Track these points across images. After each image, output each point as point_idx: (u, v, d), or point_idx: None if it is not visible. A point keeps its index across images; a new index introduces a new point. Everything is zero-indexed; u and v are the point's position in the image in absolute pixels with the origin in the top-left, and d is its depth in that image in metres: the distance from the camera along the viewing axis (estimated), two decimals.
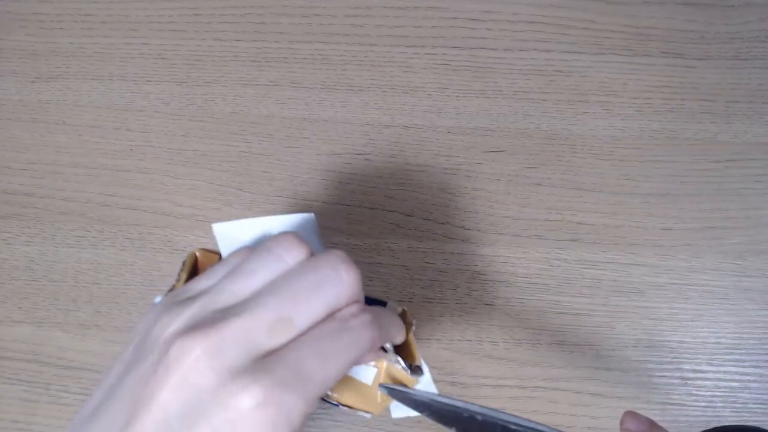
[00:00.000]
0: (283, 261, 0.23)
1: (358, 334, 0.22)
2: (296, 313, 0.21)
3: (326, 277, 0.22)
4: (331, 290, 0.22)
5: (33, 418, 0.43)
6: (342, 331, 0.22)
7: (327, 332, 0.22)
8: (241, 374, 0.20)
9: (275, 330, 0.21)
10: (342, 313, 0.23)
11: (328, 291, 0.22)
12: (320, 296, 0.22)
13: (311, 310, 0.22)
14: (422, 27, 0.47)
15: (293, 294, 0.22)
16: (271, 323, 0.21)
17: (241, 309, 0.21)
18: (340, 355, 0.22)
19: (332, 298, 0.22)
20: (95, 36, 0.48)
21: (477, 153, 0.46)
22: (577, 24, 0.47)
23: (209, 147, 0.46)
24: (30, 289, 0.45)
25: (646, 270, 0.44)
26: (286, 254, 0.23)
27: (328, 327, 0.22)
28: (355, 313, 0.23)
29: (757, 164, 0.45)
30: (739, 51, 0.46)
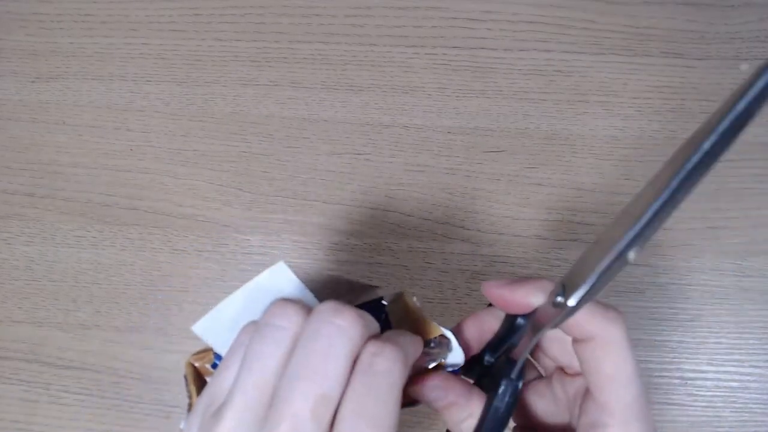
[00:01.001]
0: (285, 330, 0.23)
1: (392, 375, 0.22)
2: (325, 384, 0.21)
3: (328, 332, 0.22)
4: (340, 344, 0.22)
5: (33, 418, 0.43)
6: (374, 380, 0.22)
7: (362, 390, 0.21)
8: None
9: (317, 413, 0.21)
10: (363, 360, 0.22)
11: (338, 346, 0.22)
12: (334, 355, 0.22)
13: (336, 373, 0.21)
14: (422, 27, 0.47)
15: (311, 368, 0.21)
16: (310, 409, 0.21)
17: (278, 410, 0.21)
18: (387, 407, 0.21)
19: (345, 349, 0.22)
20: (95, 36, 0.48)
21: (477, 153, 0.46)
22: (577, 24, 0.47)
23: (209, 147, 0.46)
24: (30, 289, 0.45)
25: (646, 270, 0.44)
26: (285, 322, 0.23)
27: (360, 383, 0.22)
28: (376, 353, 0.22)
29: (757, 164, 0.45)
30: (739, 51, 0.46)
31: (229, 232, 0.45)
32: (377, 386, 0.21)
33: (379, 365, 0.22)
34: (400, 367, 0.22)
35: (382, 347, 0.22)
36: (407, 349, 0.24)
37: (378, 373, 0.22)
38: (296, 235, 0.45)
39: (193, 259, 0.45)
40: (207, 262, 0.45)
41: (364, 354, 0.22)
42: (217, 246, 0.45)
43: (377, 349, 0.22)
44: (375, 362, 0.22)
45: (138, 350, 0.44)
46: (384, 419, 0.21)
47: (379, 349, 0.22)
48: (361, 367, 0.22)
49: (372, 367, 0.22)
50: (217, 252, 0.45)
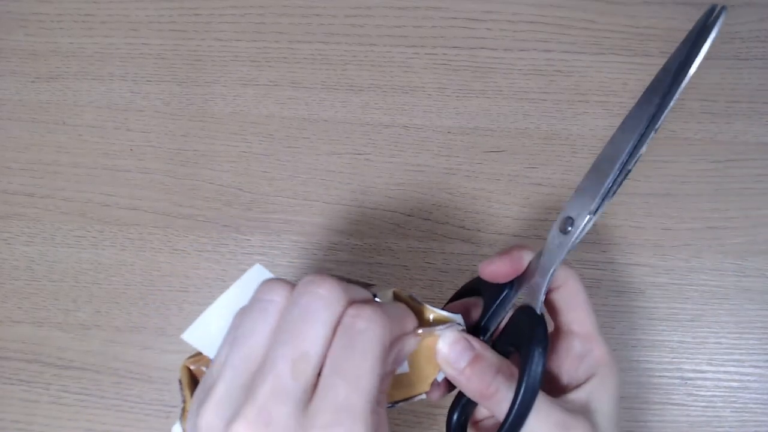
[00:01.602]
0: (272, 302, 0.23)
1: (370, 333, 0.22)
2: (304, 345, 0.22)
3: (308, 300, 0.23)
4: (319, 308, 0.22)
5: (33, 418, 0.43)
6: (352, 339, 0.22)
7: (340, 350, 0.22)
8: None
9: (297, 371, 0.22)
10: (344, 322, 0.23)
11: (317, 310, 0.22)
12: (314, 318, 0.22)
13: (316, 335, 0.22)
14: (422, 27, 0.47)
15: (291, 331, 0.22)
16: (290, 369, 0.21)
17: (262, 373, 0.22)
18: (365, 364, 0.22)
19: (325, 314, 0.22)
20: (95, 36, 0.48)
21: (477, 153, 0.46)
22: (577, 24, 0.47)
23: (209, 147, 0.46)
24: (30, 289, 0.45)
25: (646, 270, 0.44)
26: (272, 296, 0.24)
27: (338, 344, 0.22)
28: (356, 314, 0.23)
29: (757, 164, 0.45)
30: (739, 51, 0.46)
31: (229, 232, 0.45)
32: (354, 345, 0.22)
33: (358, 324, 0.22)
34: (379, 327, 0.23)
35: (362, 308, 0.23)
36: (391, 314, 0.24)
37: (356, 332, 0.22)
38: (296, 235, 0.45)
39: (193, 259, 0.45)
40: (207, 262, 0.45)
41: (345, 316, 0.23)
42: (217, 246, 0.45)
43: (357, 311, 0.23)
44: (354, 322, 0.23)
45: (138, 350, 0.44)
46: (361, 377, 0.22)
47: (359, 311, 0.23)
48: (341, 328, 0.23)
49: (350, 327, 0.22)
50: (217, 252, 0.45)
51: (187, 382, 0.30)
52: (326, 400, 0.21)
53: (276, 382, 0.21)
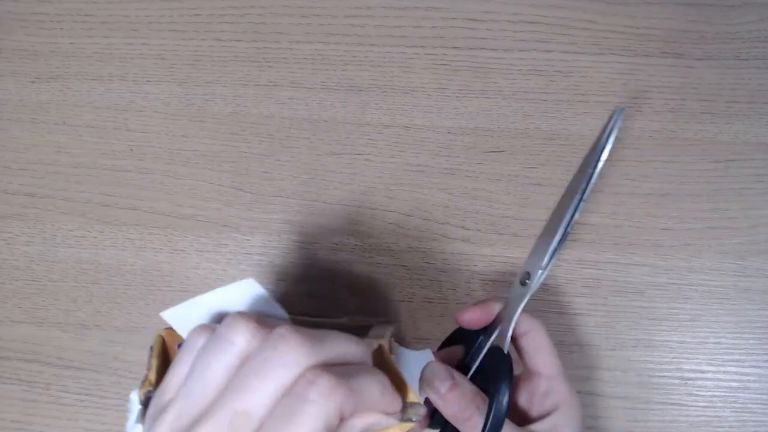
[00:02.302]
0: (234, 344, 0.23)
1: (316, 406, 0.21)
2: (249, 402, 0.21)
3: (268, 356, 0.22)
4: (276, 368, 0.22)
5: (33, 418, 0.43)
6: (294, 406, 0.21)
7: (282, 413, 0.21)
8: None
9: (235, 426, 0.21)
10: (297, 386, 0.22)
11: (274, 370, 0.22)
12: (267, 377, 0.22)
13: (263, 395, 0.21)
14: (422, 27, 0.47)
15: (243, 384, 0.22)
16: (230, 421, 0.21)
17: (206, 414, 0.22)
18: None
19: (280, 376, 0.22)
20: (95, 36, 0.48)
21: (477, 153, 0.46)
22: (577, 24, 0.47)
23: (209, 147, 0.46)
24: (30, 289, 0.45)
25: (646, 270, 0.44)
26: (235, 337, 0.23)
27: (283, 406, 0.21)
28: (311, 380, 0.22)
29: (757, 164, 0.45)
30: (739, 51, 0.46)
31: (229, 232, 0.45)
32: (294, 413, 0.21)
33: (307, 393, 0.21)
34: (331, 402, 0.21)
35: (320, 375, 0.22)
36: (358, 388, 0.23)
37: (301, 400, 0.21)
38: (296, 235, 0.45)
39: (193, 259, 0.45)
40: (207, 262, 0.45)
41: (299, 382, 0.22)
42: (217, 246, 0.45)
43: (314, 377, 0.22)
44: (304, 389, 0.21)
45: (138, 350, 0.44)
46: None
47: (316, 378, 0.22)
48: (292, 393, 0.22)
49: (298, 394, 0.21)
50: (217, 252, 0.45)
51: (158, 351, 0.31)
52: None
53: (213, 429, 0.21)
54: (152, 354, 0.31)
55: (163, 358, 0.31)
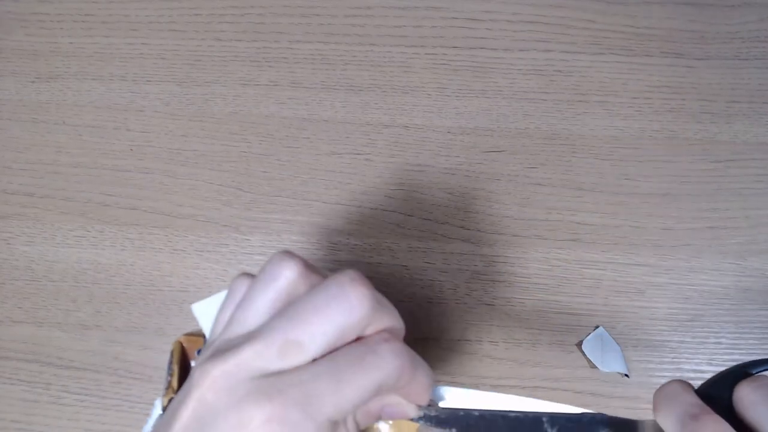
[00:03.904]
0: (282, 277, 0.23)
1: (383, 359, 0.22)
2: (304, 335, 0.21)
3: (333, 297, 0.22)
4: (339, 310, 0.21)
5: (33, 418, 0.43)
6: (365, 354, 0.22)
7: (346, 354, 0.22)
8: (253, 393, 0.21)
9: (285, 352, 0.21)
10: (372, 337, 0.22)
11: (336, 311, 0.21)
12: (328, 317, 0.21)
13: (320, 332, 0.21)
14: (422, 27, 0.47)
15: (301, 316, 0.22)
16: (280, 346, 0.21)
17: (255, 334, 0.22)
18: (357, 378, 0.21)
19: (340, 319, 0.21)
20: (95, 36, 0.48)
21: (477, 153, 0.46)
22: (577, 24, 0.47)
23: (209, 147, 0.46)
24: (30, 289, 0.45)
25: (646, 270, 0.44)
26: (278, 273, 0.23)
27: (350, 349, 0.22)
28: (387, 338, 0.22)
29: (757, 164, 0.45)
30: (739, 51, 0.46)
31: (229, 232, 0.45)
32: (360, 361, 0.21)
33: (381, 348, 0.22)
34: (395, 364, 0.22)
35: (395, 341, 0.22)
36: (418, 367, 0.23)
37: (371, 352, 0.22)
38: (296, 235, 0.45)
39: (193, 259, 0.45)
40: (207, 262, 0.45)
41: (375, 335, 0.22)
42: (217, 246, 0.45)
43: (389, 337, 0.22)
44: (379, 344, 0.22)
45: (138, 350, 0.44)
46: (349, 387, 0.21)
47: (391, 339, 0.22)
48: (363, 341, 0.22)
49: (370, 345, 0.22)
50: (217, 252, 0.45)
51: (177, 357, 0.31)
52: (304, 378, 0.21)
53: (259, 349, 0.21)
54: (172, 360, 0.30)
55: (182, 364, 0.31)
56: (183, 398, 0.21)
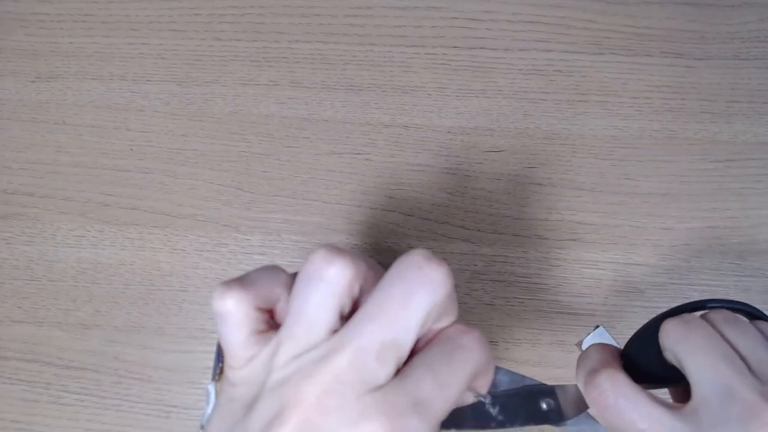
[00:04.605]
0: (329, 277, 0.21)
1: (470, 352, 0.21)
2: (397, 330, 0.20)
3: (414, 282, 0.20)
4: (423, 294, 0.20)
5: (33, 418, 0.43)
6: (454, 350, 0.21)
7: (439, 353, 0.21)
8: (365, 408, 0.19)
9: (384, 355, 0.20)
10: (450, 331, 0.22)
11: (421, 296, 0.20)
12: (415, 305, 0.20)
13: (411, 322, 0.20)
14: (422, 27, 0.47)
15: (386, 312, 0.20)
16: (378, 350, 0.20)
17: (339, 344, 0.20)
18: (455, 377, 0.21)
19: (427, 303, 0.20)
20: (95, 36, 0.48)
21: (477, 153, 0.46)
22: (577, 24, 0.47)
23: (209, 147, 0.46)
24: (30, 289, 0.45)
25: (646, 270, 0.44)
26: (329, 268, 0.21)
27: (440, 347, 0.21)
28: (466, 330, 0.22)
29: (757, 164, 0.45)
30: (739, 51, 0.46)
31: (229, 232, 0.45)
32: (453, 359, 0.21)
33: (464, 341, 0.21)
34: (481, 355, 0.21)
35: (473, 329, 0.22)
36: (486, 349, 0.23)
37: (459, 347, 0.21)
38: (296, 235, 0.45)
39: (193, 258, 0.45)
40: (207, 262, 0.45)
41: (452, 328, 0.21)
42: (217, 246, 0.45)
43: (467, 327, 0.22)
44: (461, 337, 0.21)
45: (138, 350, 0.44)
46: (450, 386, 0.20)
47: (470, 329, 0.22)
48: (446, 336, 0.21)
49: (455, 340, 0.21)
50: (217, 252, 0.45)
51: None
52: (409, 387, 0.20)
53: (355, 358, 0.20)
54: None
55: None
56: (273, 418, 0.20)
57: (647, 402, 0.24)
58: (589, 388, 0.25)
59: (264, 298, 0.23)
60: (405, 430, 0.19)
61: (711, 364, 0.23)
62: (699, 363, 0.24)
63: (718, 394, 0.23)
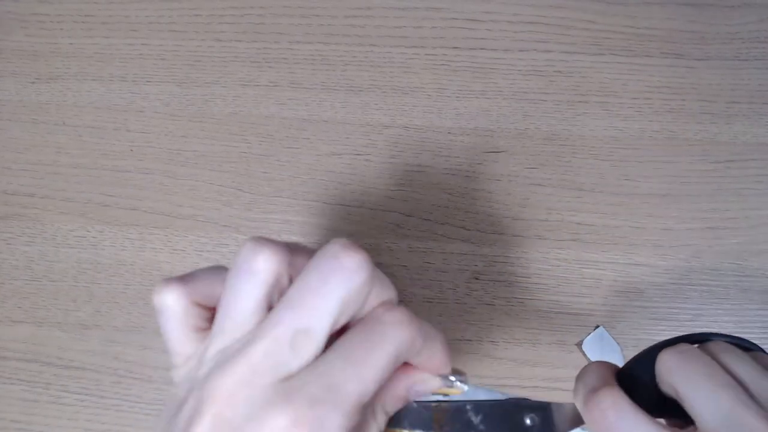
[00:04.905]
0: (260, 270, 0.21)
1: (391, 328, 0.21)
2: (310, 319, 0.20)
3: (329, 271, 0.20)
4: (338, 283, 0.20)
5: (33, 418, 0.43)
6: (372, 327, 0.21)
7: (355, 334, 0.21)
8: (273, 398, 0.19)
9: (296, 343, 0.20)
10: (373, 311, 0.21)
11: (336, 285, 0.20)
12: (330, 293, 0.20)
13: (326, 312, 0.20)
14: (422, 27, 0.47)
15: (301, 301, 0.20)
16: (290, 338, 0.20)
17: (257, 334, 0.20)
18: (372, 355, 0.20)
19: (342, 290, 0.20)
20: (95, 37, 0.48)
21: (477, 153, 0.46)
22: (577, 24, 0.47)
23: (209, 148, 0.46)
24: (30, 289, 0.45)
25: (646, 270, 0.44)
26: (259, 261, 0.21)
27: (358, 328, 0.21)
28: (388, 308, 0.21)
29: (757, 164, 0.45)
30: (739, 51, 0.46)
31: (229, 232, 0.45)
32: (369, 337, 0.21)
33: (386, 319, 0.21)
34: (404, 333, 0.21)
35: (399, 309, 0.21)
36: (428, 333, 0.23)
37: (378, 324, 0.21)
38: (296, 235, 0.45)
39: (193, 259, 0.45)
40: (207, 262, 0.45)
41: (377, 308, 0.21)
42: (217, 246, 0.45)
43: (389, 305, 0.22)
44: (383, 316, 0.21)
45: (138, 350, 0.44)
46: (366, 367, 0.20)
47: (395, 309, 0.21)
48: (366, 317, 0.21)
49: (375, 319, 0.21)
50: (217, 252, 0.45)
51: None
52: (320, 374, 0.20)
53: (268, 347, 0.20)
54: None
55: None
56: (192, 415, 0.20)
57: (649, 424, 0.24)
58: (589, 407, 0.25)
59: (204, 295, 0.23)
60: (312, 418, 0.19)
61: (712, 393, 0.23)
62: (699, 392, 0.23)
63: (723, 422, 0.22)
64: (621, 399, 0.24)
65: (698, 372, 0.24)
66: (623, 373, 0.26)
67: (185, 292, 0.23)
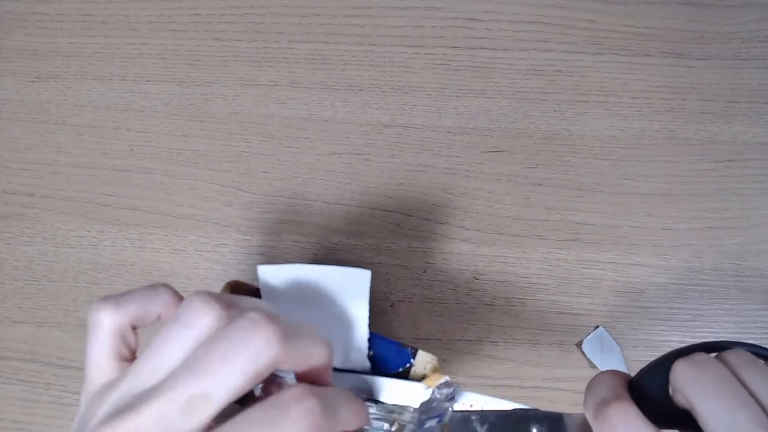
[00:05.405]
0: (191, 328, 0.21)
1: (294, 423, 0.20)
2: (210, 386, 0.20)
3: (237, 342, 0.20)
4: (244, 357, 0.20)
5: (33, 418, 0.43)
6: (276, 417, 0.20)
7: (258, 417, 0.20)
8: None
9: (190, 408, 0.20)
10: (282, 397, 0.21)
11: (241, 358, 0.20)
12: (234, 365, 0.20)
13: (228, 382, 0.20)
14: (422, 27, 0.47)
15: (205, 366, 0.20)
16: (184, 402, 0.20)
17: (156, 391, 0.20)
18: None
19: (248, 366, 0.20)
20: (95, 36, 0.48)
21: (477, 153, 0.46)
22: (577, 24, 0.47)
23: (209, 147, 0.46)
24: (30, 289, 0.45)
25: (646, 270, 0.44)
26: (193, 320, 0.21)
27: (262, 411, 0.20)
28: (298, 398, 0.21)
29: (757, 164, 0.45)
30: (739, 51, 0.46)
31: (229, 232, 0.45)
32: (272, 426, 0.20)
33: (292, 410, 0.20)
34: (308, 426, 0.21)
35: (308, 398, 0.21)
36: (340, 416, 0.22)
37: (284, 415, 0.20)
38: (296, 235, 0.45)
39: (193, 259, 0.45)
40: (207, 262, 0.45)
41: (286, 392, 0.21)
42: (218, 246, 0.45)
43: (302, 396, 0.21)
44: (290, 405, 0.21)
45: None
46: None
47: (303, 398, 0.21)
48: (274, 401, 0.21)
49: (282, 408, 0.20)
50: (217, 252, 0.45)
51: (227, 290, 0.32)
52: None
53: (161, 408, 0.20)
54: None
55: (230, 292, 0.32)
56: None
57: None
58: (599, 421, 0.24)
59: (138, 317, 0.24)
60: None
61: (728, 410, 0.22)
62: (715, 409, 0.22)
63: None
64: (632, 414, 0.23)
65: (715, 386, 0.22)
66: (635, 383, 0.26)
67: (121, 313, 0.23)
